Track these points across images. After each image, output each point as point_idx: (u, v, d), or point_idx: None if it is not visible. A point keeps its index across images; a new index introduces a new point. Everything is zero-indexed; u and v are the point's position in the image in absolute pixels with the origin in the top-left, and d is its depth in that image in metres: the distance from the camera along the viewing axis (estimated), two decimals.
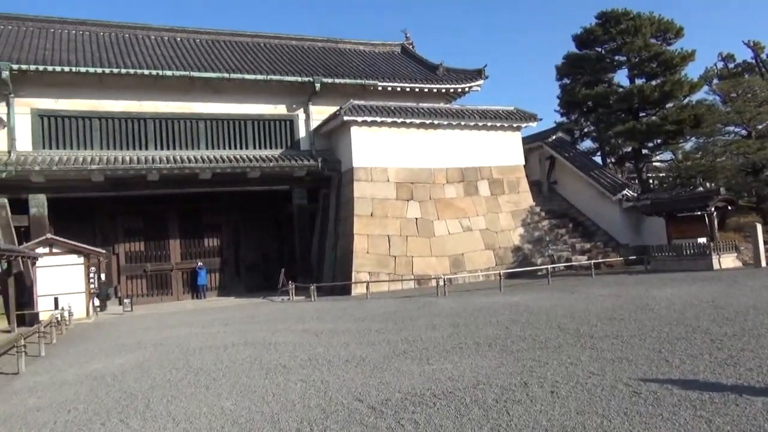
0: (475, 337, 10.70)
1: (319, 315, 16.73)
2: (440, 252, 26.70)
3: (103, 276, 27.58)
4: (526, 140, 31.98)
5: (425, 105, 28.26)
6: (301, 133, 28.58)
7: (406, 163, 27.13)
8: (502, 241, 28.06)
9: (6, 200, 23.43)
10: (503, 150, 29.41)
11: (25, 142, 23.81)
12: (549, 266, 24.89)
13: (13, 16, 27.62)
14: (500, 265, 27.30)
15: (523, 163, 30.25)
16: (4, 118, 23.33)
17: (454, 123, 27.96)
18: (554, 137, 34.52)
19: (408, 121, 26.98)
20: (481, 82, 31.25)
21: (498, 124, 29.01)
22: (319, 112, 28.46)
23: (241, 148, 27.39)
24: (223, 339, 12.79)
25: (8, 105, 23.47)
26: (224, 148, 27.09)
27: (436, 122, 27.53)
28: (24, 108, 23.87)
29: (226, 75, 26.02)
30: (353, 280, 24.62)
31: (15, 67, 22.58)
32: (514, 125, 29.59)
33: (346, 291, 24.94)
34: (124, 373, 9.59)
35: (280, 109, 28.31)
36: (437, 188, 27.64)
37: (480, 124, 28.54)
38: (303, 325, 14.50)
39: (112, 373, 9.58)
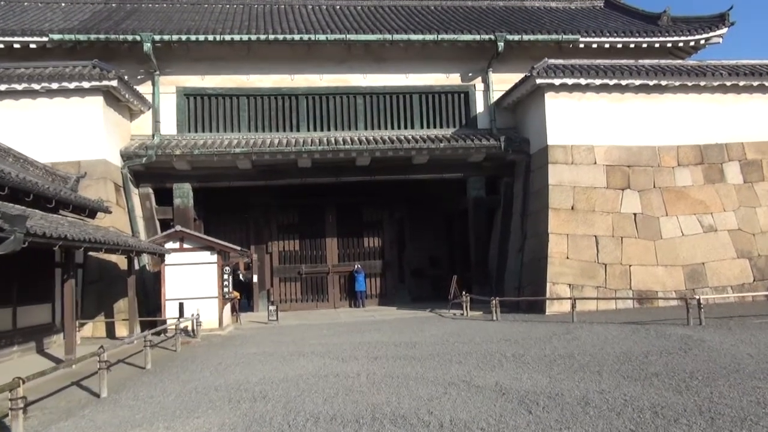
0: None
1: (513, 350, 10.95)
2: (670, 260, 19.36)
3: (255, 278, 24.66)
4: None
5: (646, 62, 21.03)
6: (479, 107, 22.94)
7: (619, 140, 20.20)
8: (764, 248, 19.81)
9: (150, 190, 21.06)
10: (762, 119, 21.03)
11: (169, 125, 21.22)
12: None
13: None
14: (760, 281, 19.28)
15: None
16: (149, 98, 20.91)
17: (689, 84, 20.34)
18: None
19: (623, 83, 20.02)
20: (723, 30, 23.06)
21: (755, 84, 20.69)
22: (502, 81, 22.57)
23: (405, 127, 22.52)
24: (360, 397, 7.64)
25: (153, 84, 21.04)
26: (386, 128, 22.42)
27: (663, 83, 20.19)
28: (169, 87, 21.30)
29: (388, 36, 21.26)
30: (548, 294, 18.43)
31: (157, 38, 19.97)
32: None
33: (537, 308, 18.84)
34: None
35: (453, 79, 22.95)
36: (664, 173, 20.28)
37: (728, 84, 20.52)
38: (493, 373, 8.84)
39: None
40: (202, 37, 20.30)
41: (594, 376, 8.16)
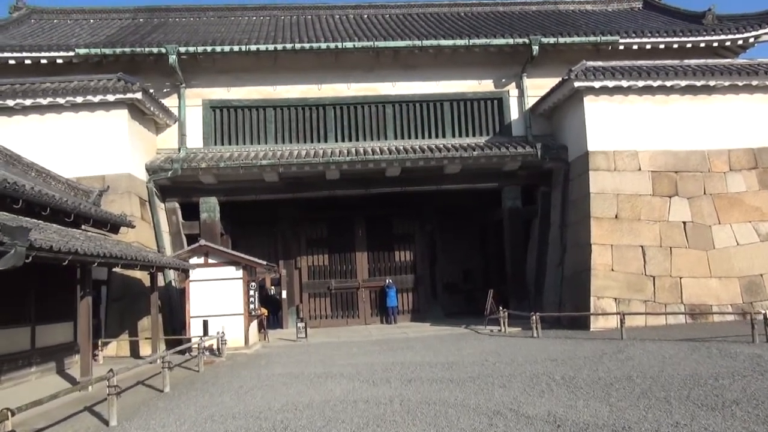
0: None
1: (561, 372, 9.93)
2: (724, 271, 18.01)
3: (284, 294, 24.05)
4: None
5: (692, 62, 19.85)
6: (513, 114, 22.01)
7: (665, 145, 19.02)
8: None
9: (177, 204, 20.64)
10: None
11: (195, 138, 20.85)
12: None
13: (194, 7, 25.59)
14: None
15: None
16: (175, 111, 20.58)
17: (740, 84, 19.07)
18: None
19: (668, 84, 18.88)
20: None
21: None
22: (537, 87, 21.63)
23: (436, 136, 21.72)
24: (393, 428, 6.80)
25: (179, 96, 20.72)
26: (416, 138, 21.66)
27: (711, 84, 18.97)
28: (195, 100, 20.97)
29: (417, 42, 20.56)
30: (592, 309, 17.25)
31: (182, 50, 19.63)
32: None
33: (580, 323, 17.66)
34: None
35: (485, 85, 22.10)
36: (715, 179, 18.98)
37: None
38: (543, 399, 7.87)
39: None
40: (227, 48, 19.91)
41: (662, 404, 7.11)
